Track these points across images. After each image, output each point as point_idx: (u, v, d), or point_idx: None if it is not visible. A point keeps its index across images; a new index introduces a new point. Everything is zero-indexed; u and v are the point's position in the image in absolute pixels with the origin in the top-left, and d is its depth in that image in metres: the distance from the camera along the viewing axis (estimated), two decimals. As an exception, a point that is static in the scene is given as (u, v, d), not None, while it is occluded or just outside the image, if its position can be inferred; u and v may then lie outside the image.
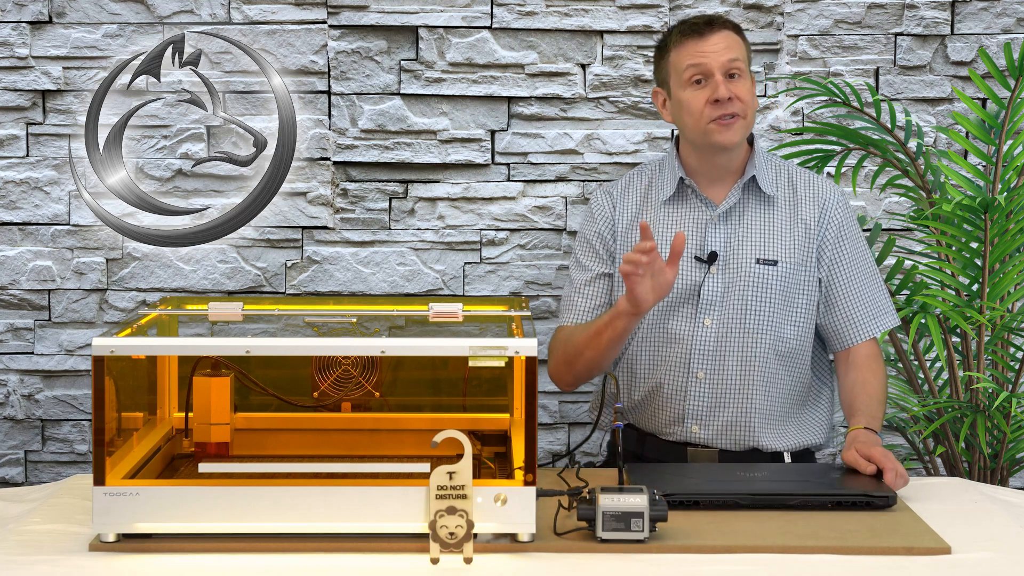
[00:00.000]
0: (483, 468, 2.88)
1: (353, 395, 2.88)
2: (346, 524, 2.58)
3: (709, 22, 3.29)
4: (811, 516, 2.79)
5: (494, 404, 3.01)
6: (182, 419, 2.94)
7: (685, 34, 3.29)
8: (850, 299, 3.32)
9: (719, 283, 3.26)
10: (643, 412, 3.35)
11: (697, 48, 3.26)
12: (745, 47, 3.31)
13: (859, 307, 3.32)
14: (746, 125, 3.27)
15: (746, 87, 3.26)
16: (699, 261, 3.26)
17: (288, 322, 2.93)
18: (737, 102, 3.24)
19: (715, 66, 3.23)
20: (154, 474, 2.77)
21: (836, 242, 3.31)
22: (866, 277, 3.34)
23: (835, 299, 3.32)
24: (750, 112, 3.27)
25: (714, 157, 3.31)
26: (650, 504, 2.59)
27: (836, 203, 3.32)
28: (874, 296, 3.34)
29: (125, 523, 2.58)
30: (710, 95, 3.23)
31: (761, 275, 3.25)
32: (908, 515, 2.81)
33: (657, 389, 3.30)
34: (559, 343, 3.36)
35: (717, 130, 3.25)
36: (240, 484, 2.60)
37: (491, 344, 2.59)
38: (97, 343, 2.55)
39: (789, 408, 3.32)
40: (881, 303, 3.35)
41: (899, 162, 3.75)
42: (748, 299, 3.25)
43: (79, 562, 2.52)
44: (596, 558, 2.57)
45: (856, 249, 3.33)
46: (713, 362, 3.26)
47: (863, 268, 3.33)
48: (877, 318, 3.34)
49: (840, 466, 3.12)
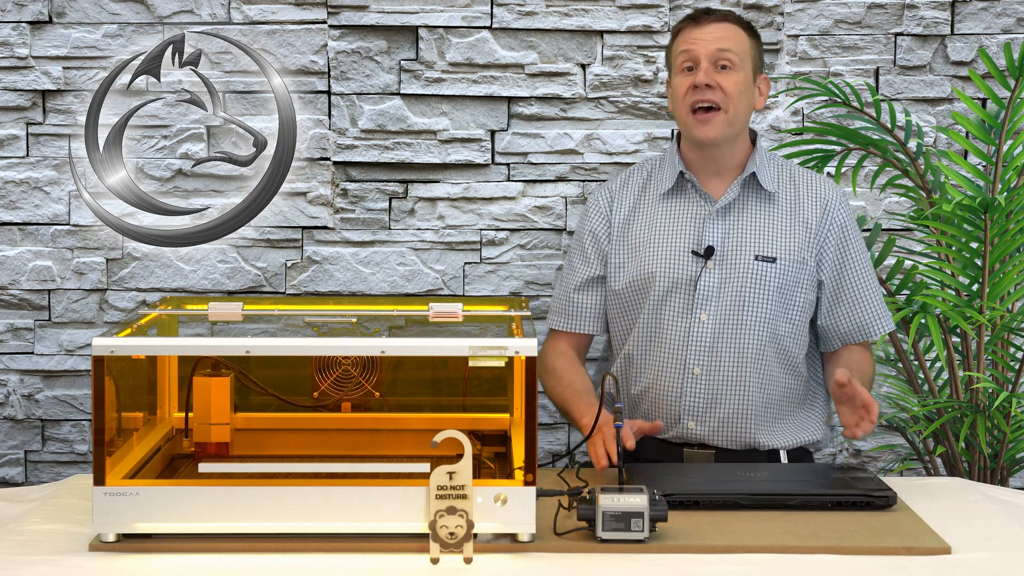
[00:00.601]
0: (483, 468, 2.88)
1: (353, 395, 2.89)
2: (346, 524, 2.58)
3: (709, 12, 3.29)
4: (811, 516, 2.78)
5: (494, 404, 3.02)
6: (182, 419, 2.94)
7: (685, 22, 3.31)
8: (851, 302, 3.31)
9: (715, 278, 3.25)
10: (639, 409, 3.34)
11: (691, 35, 3.26)
12: (749, 43, 3.28)
13: (860, 311, 3.31)
14: (727, 120, 3.25)
15: (733, 80, 3.23)
16: (696, 255, 3.26)
17: (288, 322, 2.93)
18: (718, 92, 3.22)
19: (703, 53, 3.23)
20: (154, 474, 2.77)
21: (839, 244, 3.30)
22: (866, 281, 3.33)
23: (836, 302, 3.32)
24: (733, 106, 3.24)
25: (706, 152, 3.30)
26: (650, 504, 2.59)
27: (839, 204, 3.32)
28: (874, 300, 3.34)
29: (125, 523, 2.58)
30: (692, 80, 3.23)
31: (759, 271, 3.25)
32: (908, 515, 2.81)
33: (653, 385, 3.29)
34: (543, 366, 3.38)
35: (695, 124, 3.24)
36: (240, 484, 2.59)
37: (491, 344, 2.58)
38: (97, 343, 2.55)
39: (786, 405, 3.32)
40: (880, 307, 3.35)
41: (899, 162, 3.75)
42: (745, 295, 3.24)
43: (79, 562, 2.52)
44: (596, 558, 2.56)
45: (858, 252, 3.33)
46: (709, 358, 3.26)
47: (864, 271, 3.33)
48: (876, 322, 3.34)
49: (840, 465, 3.12)
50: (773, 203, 3.32)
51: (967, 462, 3.69)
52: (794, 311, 3.29)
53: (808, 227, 3.29)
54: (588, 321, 3.38)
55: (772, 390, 3.29)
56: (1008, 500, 3.01)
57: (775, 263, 3.25)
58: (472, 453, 2.55)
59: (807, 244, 3.28)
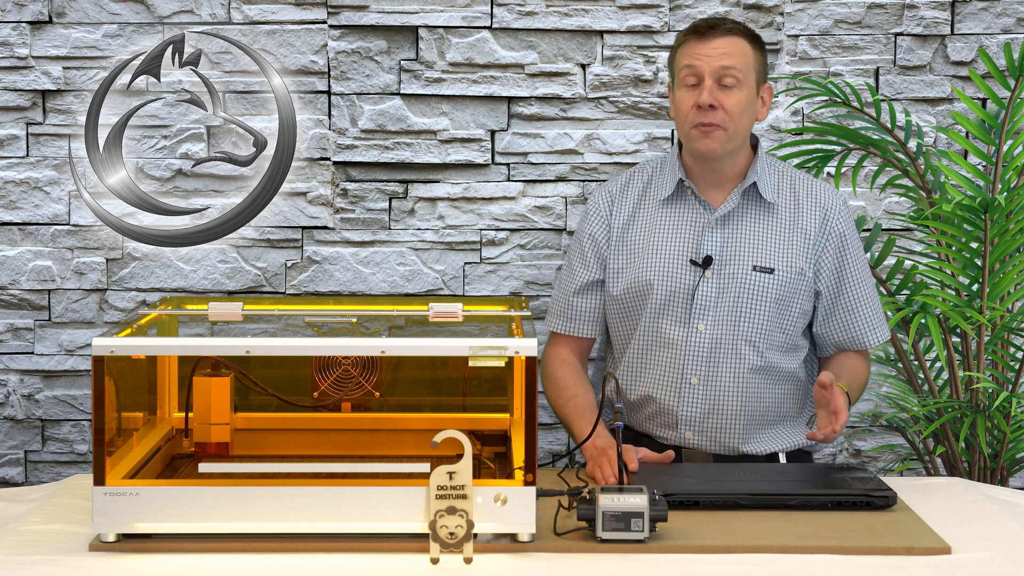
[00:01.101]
0: (483, 468, 2.88)
1: (353, 395, 2.89)
2: (346, 524, 2.58)
3: (714, 24, 3.24)
4: (811, 516, 2.78)
5: (494, 404, 3.02)
6: (182, 419, 2.94)
7: (689, 33, 3.26)
8: (846, 312, 3.31)
9: (713, 288, 3.24)
10: (638, 416, 3.34)
11: (695, 49, 3.22)
12: (753, 56, 3.25)
13: (855, 320, 3.31)
14: (728, 137, 3.22)
15: (735, 99, 3.21)
16: (694, 265, 3.25)
17: (288, 322, 2.93)
18: (720, 112, 3.19)
19: (707, 70, 3.20)
20: (154, 474, 2.78)
21: (837, 253, 3.29)
22: (863, 290, 3.32)
23: (832, 311, 3.31)
24: (734, 124, 3.21)
25: (705, 162, 3.29)
26: (650, 504, 2.59)
27: (839, 212, 3.31)
28: (869, 310, 3.33)
29: (125, 523, 2.58)
30: (696, 99, 3.21)
31: (757, 282, 3.24)
32: (908, 515, 2.81)
33: (651, 394, 3.29)
34: (545, 374, 3.39)
35: (696, 136, 3.22)
36: (240, 484, 2.60)
37: (491, 344, 2.58)
38: (97, 343, 2.55)
39: (783, 411, 3.31)
40: (875, 317, 3.34)
41: (899, 162, 3.75)
42: (742, 305, 3.23)
43: (79, 562, 2.52)
44: (596, 558, 2.56)
45: (855, 261, 3.32)
46: (707, 368, 3.25)
47: (861, 281, 3.32)
48: (871, 332, 3.33)
49: (840, 465, 3.12)
50: (773, 213, 3.30)
51: (967, 462, 3.69)
52: (791, 321, 3.28)
53: (807, 237, 3.28)
54: (588, 325, 3.37)
55: (770, 399, 3.28)
56: (1008, 500, 3.01)
57: (773, 274, 3.24)
58: (472, 453, 2.55)
59: (805, 254, 3.27)
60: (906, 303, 3.65)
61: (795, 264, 3.26)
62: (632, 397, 3.32)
